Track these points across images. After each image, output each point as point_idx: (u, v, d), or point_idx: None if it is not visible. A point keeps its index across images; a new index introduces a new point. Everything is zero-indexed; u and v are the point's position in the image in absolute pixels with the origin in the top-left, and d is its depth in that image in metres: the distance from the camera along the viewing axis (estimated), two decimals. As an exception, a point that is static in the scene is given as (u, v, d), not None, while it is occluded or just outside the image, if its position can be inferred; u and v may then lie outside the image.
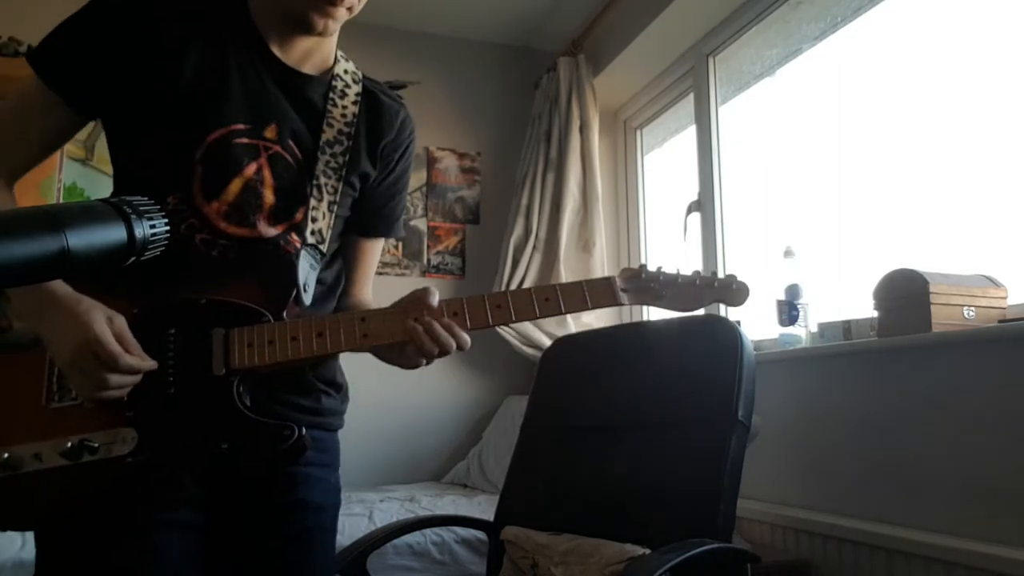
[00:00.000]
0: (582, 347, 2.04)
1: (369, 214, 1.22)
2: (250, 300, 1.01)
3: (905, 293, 1.81)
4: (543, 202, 3.24)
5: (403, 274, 3.38)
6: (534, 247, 3.21)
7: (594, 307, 1.09)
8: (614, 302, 1.09)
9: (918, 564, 1.67)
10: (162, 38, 1.03)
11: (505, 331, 3.13)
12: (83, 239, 0.49)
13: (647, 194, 3.51)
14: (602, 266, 3.18)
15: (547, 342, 3.00)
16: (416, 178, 3.45)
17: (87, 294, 0.94)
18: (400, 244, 3.38)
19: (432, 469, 3.25)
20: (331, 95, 1.14)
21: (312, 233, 1.10)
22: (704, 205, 2.87)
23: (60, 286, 0.93)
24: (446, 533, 2.15)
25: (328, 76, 1.16)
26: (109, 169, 1.08)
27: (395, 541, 1.99)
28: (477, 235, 3.52)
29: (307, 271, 1.09)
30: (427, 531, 2.12)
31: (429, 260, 3.43)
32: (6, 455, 0.92)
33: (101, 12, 1.03)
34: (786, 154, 2.64)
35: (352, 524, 2.15)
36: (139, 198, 0.54)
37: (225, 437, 0.97)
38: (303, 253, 1.09)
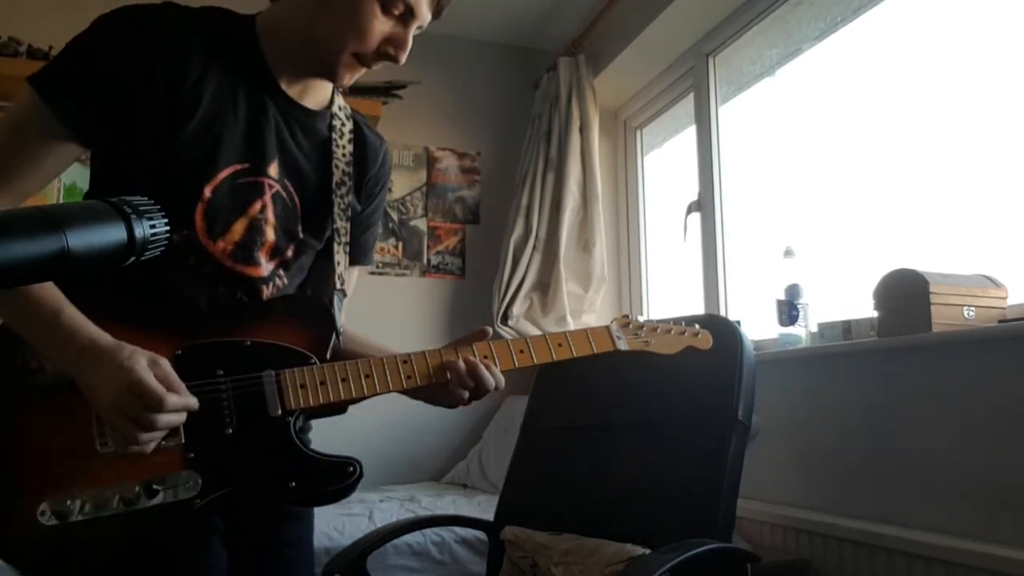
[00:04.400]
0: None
1: (350, 244, 1.24)
2: (293, 342, 1.04)
3: (905, 293, 1.81)
4: (543, 202, 3.24)
5: (403, 274, 3.38)
6: (534, 247, 3.21)
7: (599, 351, 1.21)
8: (613, 346, 1.23)
9: (918, 564, 1.67)
10: (184, 74, 1.01)
11: (505, 331, 3.13)
12: (83, 239, 0.49)
13: (647, 194, 3.51)
14: (602, 266, 3.18)
15: (547, 342, 3.00)
16: (416, 178, 3.46)
17: (114, 332, 0.92)
18: (400, 244, 3.38)
19: (432, 469, 3.25)
20: (333, 135, 1.16)
21: (339, 277, 1.17)
22: (704, 205, 2.87)
23: (100, 334, 0.91)
24: (446, 533, 2.15)
25: (328, 113, 1.17)
26: None
27: (395, 541, 1.99)
28: (477, 235, 3.52)
29: (338, 314, 1.15)
30: (427, 531, 2.11)
31: (429, 260, 3.43)
32: (50, 506, 0.90)
33: (117, 38, 0.98)
34: (786, 154, 2.64)
35: (352, 524, 2.15)
36: (139, 198, 0.54)
37: (292, 475, 1.00)
38: (335, 297, 1.15)
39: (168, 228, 0.55)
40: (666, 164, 3.46)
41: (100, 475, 0.92)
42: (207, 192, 1.02)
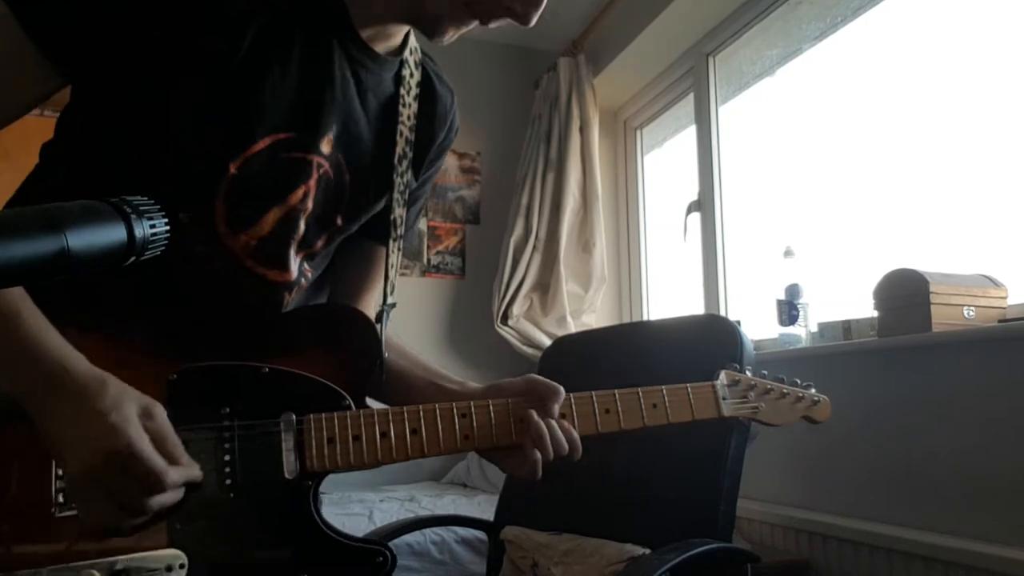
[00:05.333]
0: (582, 347, 2.03)
1: (387, 216, 0.97)
2: (323, 373, 0.79)
3: (905, 293, 1.81)
4: (543, 202, 3.24)
5: (403, 274, 3.38)
6: (534, 247, 3.21)
7: (699, 418, 0.96)
8: (718, 413, 0.96)
9: (918, 564, 1.67)
10: (223, 6, 0.75)
11: (505, 331, 3.13)
12: (83, 239, 0.49)
13: (647, 194, 3.51)
14: (602, 266, 3.18)
15: (547, 342, 3.00)
16: (416, 178, 3.46)
17: (91, 343, 0.69)
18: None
19: (432, 469, 3.25)
20: (401, 91, 0.90)
21: (391, 285, 0.92)
22: (704, 205, 2.87)
23: (74, 358, 0.67)
24: (446, 533, 2.15)
25: (399, 60, 0.90)
26: None
27: (395, 541, 1.99)
28: (477, 235, 3.52)
29: (384, 333, 0.89)
30: (427, 531, 2.11)
31: (429, 260, 3.43)
32: None
33: None
34: (786, 154, 2.64)
35: (352, 524, 2.15)
36: (139, 198, 0.54)
37: (304, 564, 0.76)
38: (384, 313, 0.91)
39: (168, 228, 0.55)
40: (666, 164, 3.46)
41: (52, 547, 0.68)
42: (233, 168, 0.77)
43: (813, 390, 1.07)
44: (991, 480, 1.61)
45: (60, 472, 0.69)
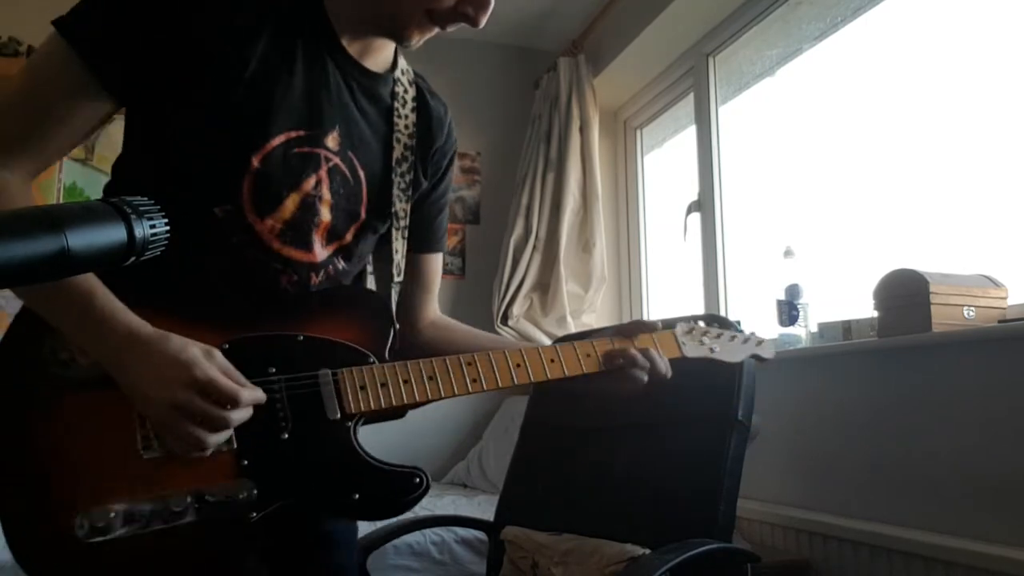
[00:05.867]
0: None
1: (424, 228, 1.13)
2: (348, 338, 0.94)
3: (905, 293, 1.81)
4: (543, 202, 3.24)
5: (403, 274, 3.38)
6: (534, 247, 3.21)
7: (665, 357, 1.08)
8: (679, 352, 1.10)
9: (918, 564, 1.67)
10: (235, 28, 0.89)
11: (505, 331, 3.13)
12: (83, 239, 0.49)
13: (647, 194, 3.51)
14: (602, 266, 3.18)
15: (547, 342, 3.00)
16: (416, 178, 3.45)
17: (153, 320, 0.82)
18: (400, 244, 3.38)
19: (432, 469, 3.25)
20: (395, 104, 1.04)
21: (397, 267, 1.06)
22: (704, 205, 2.87)
23: (140, 323, 0.81)
24: (446, 533, 2.15)
25: (391, 76, 1.04)
26: (109, 169, 0.98)
27: (395, 541, 1.99)
28: (477, 235, 3.52)
29: (394, 308, 1.05)
30: (427, 531, 2.11)
31: (429, 260, 3.42)
32: (88, 520, 0.77)
33: None
34: (786, 154, 2.64)
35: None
36: (139, 198, 0.54)
37: (356, 487, 0.89)
38: (392, 290, 1.05)
39: (168, 228, 0.55)
40: (666, 164, 3.46)
41: (143, 484, 0.81)
42: (255, 162, 0.90)
43: (757, 334, 1.22)
44: (991, 480, 1.61)
45: (142, 420, 0.82)
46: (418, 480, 0.92)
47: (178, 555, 0.83)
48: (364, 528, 2.12)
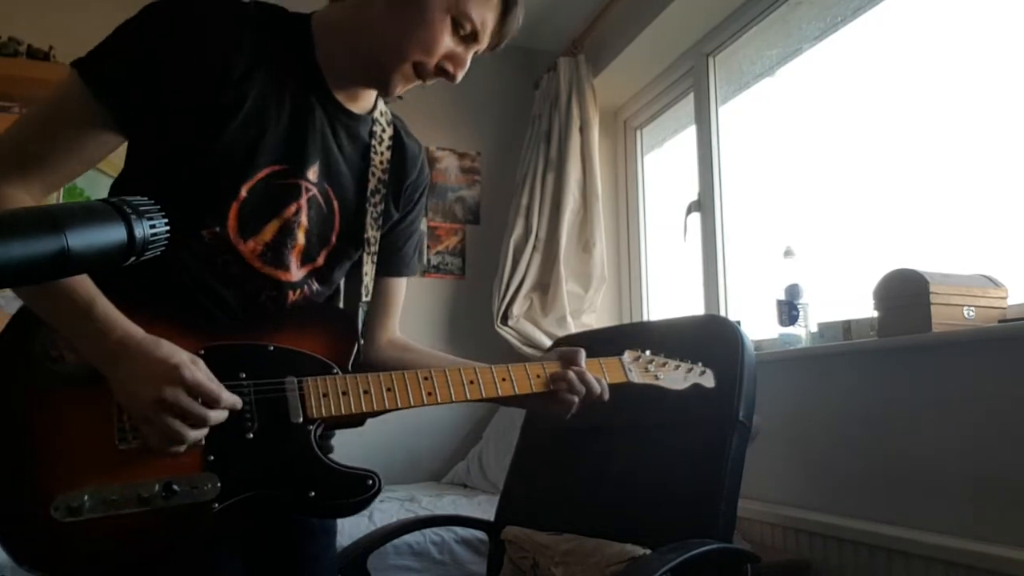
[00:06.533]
0: (581, 347, 2.03)
1: (392, 254, 1.23)
2: (315, 350, 1.03)
3: (905, 293, 1.81)
4: (543, 202, 3.24)
5: (403, 274, 3.37)
6: (534, 247, 3.21)
7: (611, 382, 1.21)
8: (625, 378, 1.23)
9: (918, 564, 1.67)
10: (233, 69, 0.98)
11: (505, 331, 3.13)
12: (83, 239, 0.49)
13: (647, 194, 3.51)
14: (602, 266, 3.18)
15: (547, 342, 3.00)
16: (416, 178, 3.45)
17: (145, 328, 0.91)
18: (400, 244, 3.38)
19: (432, 469, 3.25)
20: (372, 142, 1.14)
21: (365, 288, 1.15)
22: (704, 205, 2.87)
23: (136, 328, 0.90)
24: (446, 533, 2.15)
25: (370, 117, 1.15)
26: (109, 169, 1.05)
27: (395, 541, 1.99)
28: (477, 235, 3.52)
29: (360, 326, 1.15)
30: (427, 531, 2.12)
31: (429, 260, 3.43)
32: (63, 502, 0.86)
33: (167, 28, 0.96)
34: (786, 154, 2.64)
35: (352, 524, 2.15)
36: (139, 198, 0.54)
37: (312, 485, 0.98)
38: (360, 309, 1.15)
39: (168, 228, 0.55)
40: (666, 164, 3.46)
41: (117, 472, 0.89)
42: (243, 191, 1.00)
43: (701, 364, 1.32)
44: (991, 480, 1.61)
45: (120, 414, 0.91)
46: (371, 482, 1.00)
47: (149, 541, 0.90)
48: (364, 528, 2.12)
